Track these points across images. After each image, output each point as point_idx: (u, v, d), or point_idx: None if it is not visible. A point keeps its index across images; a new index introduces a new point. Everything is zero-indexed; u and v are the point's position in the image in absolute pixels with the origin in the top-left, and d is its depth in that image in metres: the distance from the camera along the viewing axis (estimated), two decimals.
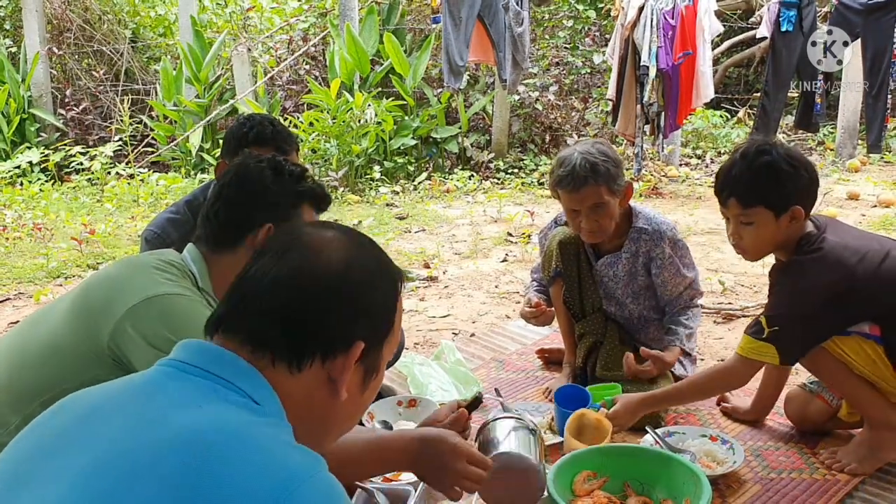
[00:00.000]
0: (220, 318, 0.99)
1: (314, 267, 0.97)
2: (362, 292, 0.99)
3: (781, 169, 2.00)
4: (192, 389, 0.90)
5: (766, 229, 2.06)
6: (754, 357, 2.06)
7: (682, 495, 1.81)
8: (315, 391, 0.97)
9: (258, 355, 0.94)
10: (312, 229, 1.03)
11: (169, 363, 0.95)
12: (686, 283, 2.67)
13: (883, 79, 6.15)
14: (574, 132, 8.53)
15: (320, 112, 7.54)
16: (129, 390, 0.93)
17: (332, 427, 1.03)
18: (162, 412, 0.87)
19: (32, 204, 6.94)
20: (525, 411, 2.61)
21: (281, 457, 0.84)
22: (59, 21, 9.58)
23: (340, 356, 0.97)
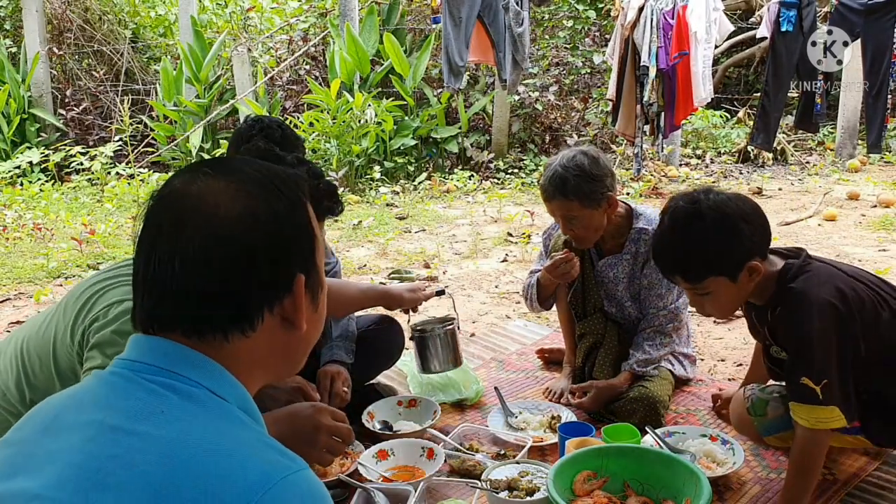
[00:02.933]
0: (148, 316, 0.92)
1: (217, 229, 0.88)
2: (275, 230, 0.92)
3: (717, 233, 1.80)
4: (152, 392, 0.86)
5: (726, 294, 1.87)
6: (822, 427, 1.83)
7: (682, 495, 1.81)
8: (275, 337, 0.94)
9: (207, 338, 0.90)
10: (192, 184, 0.92)
11: (122, 364, 0.90)
12: (666, 302, 2.64)
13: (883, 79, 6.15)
14: (574, 132, 8.53)
15: (320, 112, 7.54)
16: (88, 396, 0.89)
17: (303, 351, 1.02)
18: (123, 420, 0.83)
19: (32, 204, 6.94)
20: (525, 410, 2.62)
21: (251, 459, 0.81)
22: (59, 21, 9.58)
23: (287, 297, 0.93)
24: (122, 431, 0.82)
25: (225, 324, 0.90)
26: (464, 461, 2.26)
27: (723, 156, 8.29)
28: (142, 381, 0.87)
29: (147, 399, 0.85)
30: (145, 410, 0.84)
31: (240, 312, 0.91)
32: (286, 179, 0.97)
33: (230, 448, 0.81)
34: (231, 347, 0.91)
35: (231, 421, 0.86)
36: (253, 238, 0.90)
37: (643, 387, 2.54)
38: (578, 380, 2.78)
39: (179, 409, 0.84)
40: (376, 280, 4.49)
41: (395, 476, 2.23)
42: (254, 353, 0.93)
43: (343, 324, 2.57)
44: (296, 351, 1.00)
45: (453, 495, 2.16)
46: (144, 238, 0.92)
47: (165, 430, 0.81)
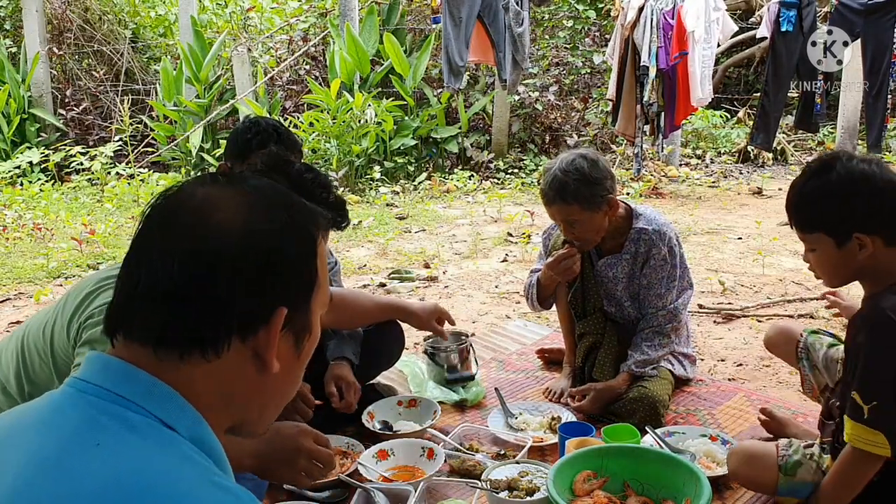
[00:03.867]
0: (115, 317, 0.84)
1: (209, 233, 0.81)
2: (271, 253, 0.83)
3: (837, 191, 1.72)
4: (91, 418, 0.78)
5: (829, 257, 1.77)
6: (862, 447, 1.70)
7: (682, 495, 1.81)
8: (241, 372, 0.84)
9: (162, 354, 0.81)
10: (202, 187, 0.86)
11: (73, 382, 0.82)
12: (665, 302, 2.64)
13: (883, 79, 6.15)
14: (574, 132, 8.54)
15: (320, 112, 7.55)
16: (35, 416, 0.82)
17: (272, 400, 0.91)
18: (57, 451, 0.75)
19: (32, 204, 6.94)
20: (525, 410, 2.62)
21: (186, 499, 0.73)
22: (59, 21, 9.58)
23: (262, 329, 0.83)
24: (53, 467, 0.74)
25: (186, 340, 0.81)
26: (464, 461, 2.26)
27: (723, 156, 8.30)
28: (84, 406, 0.79)
29: (84, 427, 0.77)
30: (80, 441, 0.76)
31: (204, 331, 0.81)
32: (303, 210, 0.90)
33: (167, 489, 0.73)
34: (187, 370, 0.82)
35: (175, 456, 0.77)
36: (242, 254, 0.81)
37: (643, 387, 2.54)
38: (578, 380, 2.78)
39: (118, 441, 0.76)
40: (376, 280, 4.49)
41: (395, 476, 2.23)
42: (213, 383, 0.83)
43: None
44: (263, 396, 0.89)
45: (453, 495, 2.16)
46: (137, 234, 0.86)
47: (97, 467, 0.73)
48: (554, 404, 2.69)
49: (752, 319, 3.65)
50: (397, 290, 4.32)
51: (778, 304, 3.86)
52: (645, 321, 2.66)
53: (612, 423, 2.38)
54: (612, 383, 2.60)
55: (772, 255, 4.71)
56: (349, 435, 2.45)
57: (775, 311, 3.76)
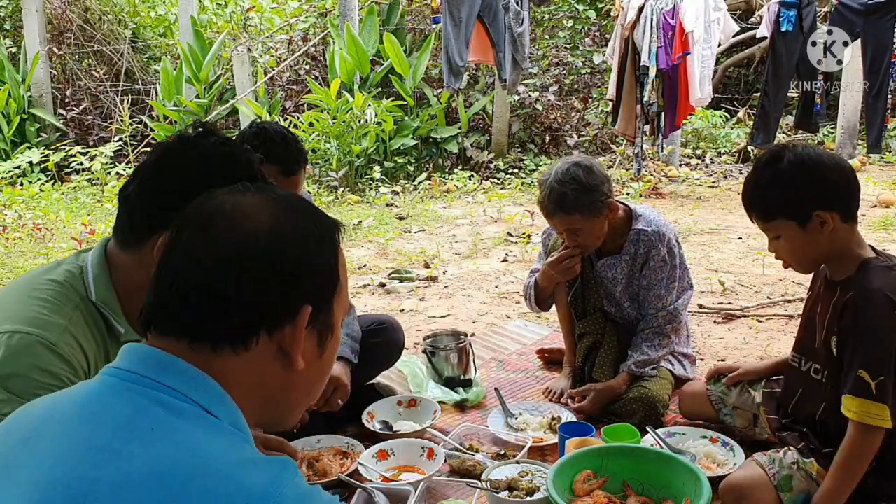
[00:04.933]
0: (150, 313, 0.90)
1: (241, 236, 0.88)
2: (298, 254, 0.90)
3: (791, 176, 1.84)
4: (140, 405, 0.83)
5: (796, 241, 1.88)
6: (870, 421, 1.78)
7: (682, 495, 1.81)
8: (268, 366, 0.90)
9: (197, 347, 0.87)
10: (231, 195, 0.92)
11: (112, 372, 0.87)
12: (665, 303, 2.64)
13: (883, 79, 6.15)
14: (574, 132, 8.54)
15: (320, 112, 7.55)
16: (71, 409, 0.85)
17: (297, 397, 0.97)
18: (110, 438, 0.79)
19: (32, 204, 6.94)
20: (525, 411, 2.62)
21: (243, 477, 0.78)
22: (59, 21, 9.58)
23: (288, 326, 0.89)
24: (109, 451, 0.78)
25: (217, 333, 0.87)
26: (464, 461, 2.26)
27: (723, 156, 8.30)
28: (131, 395, 0.84)
29: (135, 414, 0.82)
30: (133, 427, 0.80)
31: (235, 324, 0.87)
32: (325, 218, 0.97)
33: (223, 468, 0.78)
34: (220, 363, 0.88)
35: (222, 438, 0.83)
36: (271, 254, 0.88)
37: (643, 387, 2.54)
38: (578, 379, 2.78)
39: (169, 427, 0.81)
40: (376, 280, 4.49)
41: (395, 476, 2.23)
42: (243, 376, 0.89)
43: (348, 322, 2.57)
44: (288, 393, 0.95)
45: (453, 495, 2.16)
46: (171, 236, 0.91)
47: (155, 450, 0.78)
48: (554, 404, 2.69)
49: (752, 319, 3.65)
50: (397, 290, 4.32)
51: (778, 304, 3.86)
52: (645, 322, 2.66)
53: (612, 423, 2.39)
54: (611, 383, 2.60)
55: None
56: (349, 435, 2.45)
57: (775, 311, 3.76)
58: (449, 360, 2.84)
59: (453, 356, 2.84)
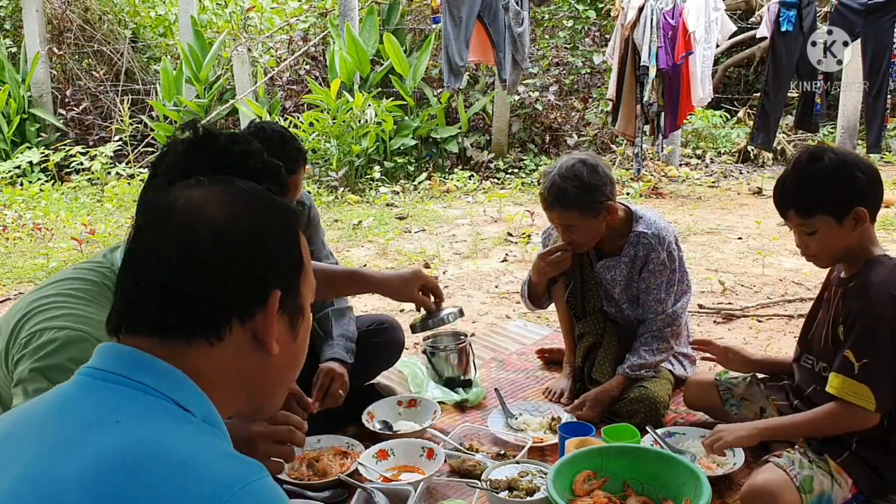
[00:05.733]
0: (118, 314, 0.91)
1: (198, 230, 0.88)
2: (258, 240, 0.91)
3: (833, 173, 1.93)
4: (109, 401, 0.83)
5: (831, 236, 1.97)
6: (851, 399, 1.89)
7: (682, 495, 1.82)
8: (243, 354, 0.91)
9: (170, 343, 0.88)
10: (185, 190, 0.93)
11: (86, 371, 0.88)
12: (665, 306, 2.62)
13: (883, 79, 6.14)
14: (574, 132, 8.54)
15: (320, 112, 7.54)
16: (43, 409, 0.86)
17: (275, 382, 0.98)
18: (77, 432, 0.80)
19: (32, 204, 6.95)
20: (525, 411, 2.62)
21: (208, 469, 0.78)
22: (59, 21, 9.58)
23: (259, 312, 0.91)
24: (75, 444, 0.79)
25: (188, 327, 0.88)
26: (464, 461, 2.26)
27: (723, 156, 8.30)
28: (101, 392, 0.85)
29: (102, 409, 0.83)
30: (100, 420, 0.81)
31: (205, 317, 0.88)
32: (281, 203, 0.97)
33: (187, 458, 0.78)
34: (194, 355, 0.88)
35: (190, 431, 0.83)
36: (232, 243, 0.89)
37: (643, 387, 2.54)
38: (578, 379, 2.78)
39: (136, 419, 0.82)
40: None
41: (395, 476, 2.23)
42: (218, 366, 0.90)
43: (343, 323, 2.57)
44: (265, 379, 0.96)
45: (453, 495, 2.16)
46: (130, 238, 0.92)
47: (119, 440, 0.78)
48: (554, 404, 2.69)
49: (752, 319, 3.65)
50: None
51: (778, 304, 3.86)
52: (644, 326, 2.65)
53: (613, 423, 2.38)
54: (606, 387, 2.59)
55: (772, 255, 4.71)
56: (349, 435, 2.45)
57: (775, 311, 3.76)
58: (449, 361, 2.84)
59: (453, 356, 2.84)
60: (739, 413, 2.38)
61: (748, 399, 2.38)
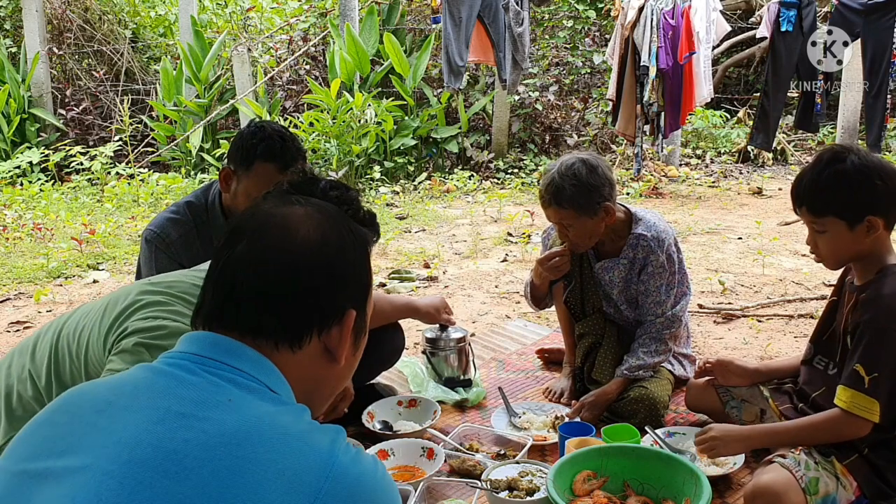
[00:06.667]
0: (211, 312, 0.99)
1: (294, 246, 0.98)
2: (343, 262, 1.01)
3: (852, 178, 1.88)
4: (214, 382, 0.92)
5: (840, 239, 1.93)
6: (857, 412, 1.87)
7: (682, 495, 1.82)
8: (315, 363, 1.00)
9: (260, 342, 0.96)
10: (280, 207, 1.02)
11: (181, 356, 0.96)
12: (662, 308, 2.61)
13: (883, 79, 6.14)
14: (574, 132, 8.53)
15: (320, 112, 7.54)
16: (145, 384, 0.93)
17: (329, 392, 1.08)
18: (192, 407, 0.88)
19: (32, 204, 6.94)
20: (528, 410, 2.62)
21: (312, 439, 0.89)
22: (59, 21, 9.58)
23: (335, 327, 1.00)
24: (193, 418, 0.87)
25: (278, 334, 0.97)
26: (464, 461, 2.26)
27: (723, 156, 8.30)
28: (203, 374, 0.92)
29: (211, 389, 0.91)
30: (212, 399, 0.89)
31: (293, 327, 0.97)
32: (359, 229, 1.08)
33: (295, 430, 0.88)
34: (278, 358, 0.97)
35: (287, 410, 0.93)
36: (322, 263, 0.98)
37: (643, 387, 2.54)
38: (578, 380, 2.78)
39: (244, 399, 0.90)
40: (376, 280, 4.49)
41: (395, 476, 2.23)
42: (296, 371, 0.99)
43: None
44: (326, 386, 1.06)
45: (453, 495, 2.16)
46: (226, 243, 1.00)
47: (236, 416, 0.87)
48: (557, 404, 2.69)
49: (752, 319, 3.65)
50: (397, 290, 4.32)
51: (778, 304, 3.86)
52: (642, 328, 2.65)
53: (613, 423, 2.38)
54: (605, 390, 2.58)
55: (772, 255, 4.71)
56: (349, 435, 2.45)
57: (775, 311, 3.76)
58: (449, 361, 2.84)
59: (453, 356, 2.83)
60: (740, 415, 2.38)
61: (748, 401, 2.37)
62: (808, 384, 2.17)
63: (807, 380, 2.19)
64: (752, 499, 1.91)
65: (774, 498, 1.87)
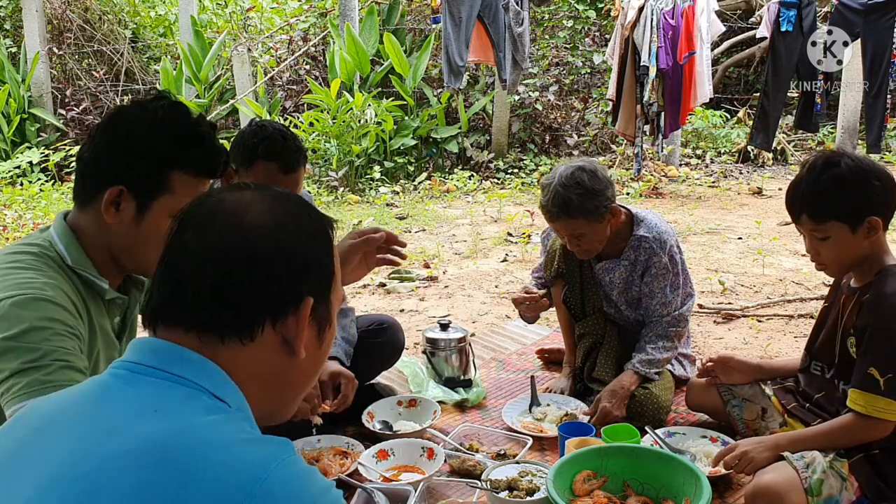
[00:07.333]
0: (156, 308, 0.94)
1: (243, 232, 0.92)
2: (297, 247, 0.95)
3: (850, 180, 1.89)
4: (148, 393, 0.87)
5: (843, 243, 1.93)
6: (877, 415, 1.87)
7: (682, 495, 1.82)
8: (272, 356, 0.94)
9: (206, 339, 0.91)
10: (229, 193, 0.97)
11: (122, 365, 0.91)
12: (668, 309, 2.61)
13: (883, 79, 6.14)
14: (574, 132, 8.54)
15: (320, 112, 7.54)
16: (84, 398, 0.90)
17: (296, 387, 1.01)
18: (118, 421, 0.84)
19: (32, 204, 6.94)
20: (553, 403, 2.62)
21: (243, 452, 0.82)
22: (59, 21, 9.58)
23: (291, 317, 0.94)
24: (115, 431, 0.83)
25: (224, 325, 0.91)
26: (464, 461, 2.27)
27: (723, 156, 8.30)
28: (139, 384, 0.88)
29: (142, 399, 0.86)
30: (140, 410, 0.85)
31: (241, 316, 0.91)
32: (318, 212, 1.02)
33: (224, 443, 0.82)
34: (227, 353, 0.91)
35: (225, 420, 0.86)
36: (273, 248, 0.92)
37: (646, 388, 2.53)
38: (578, 380, 2.78)
39: (175, 408, 0.85)
40: (376, 280, 4.49)
41: (395, 476, 2.23)
42: (248, 366, 0.93)
43: (345, 325, 2.56)
44: (290, 381, 0.98)
45: (453, 495, 2.16)
46: (173, 234, 0.95)
47: (159, 429, 0.82)
48: (580, 402, 2.67)
49: (752, 319, 3.65)
50: (397, 290, 4.32)
51: (778, 304, 3.86)
52: (649, 328, 2.64)
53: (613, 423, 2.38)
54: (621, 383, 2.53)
55: (772, 255, 4.71)
56: (349, 435, 2.45)
57: (775, 311, 3.76)
58: (449, 361, 2.84)
59: (453, 356, 2.84)
60: (741, 414, 2.38)
61: (750, 400, 2.37)
62: (809, 387, 2.18)
63: (807, 384, 2.19)
64: (753, 499, 1.90)
65: (775, 498, 1.87)
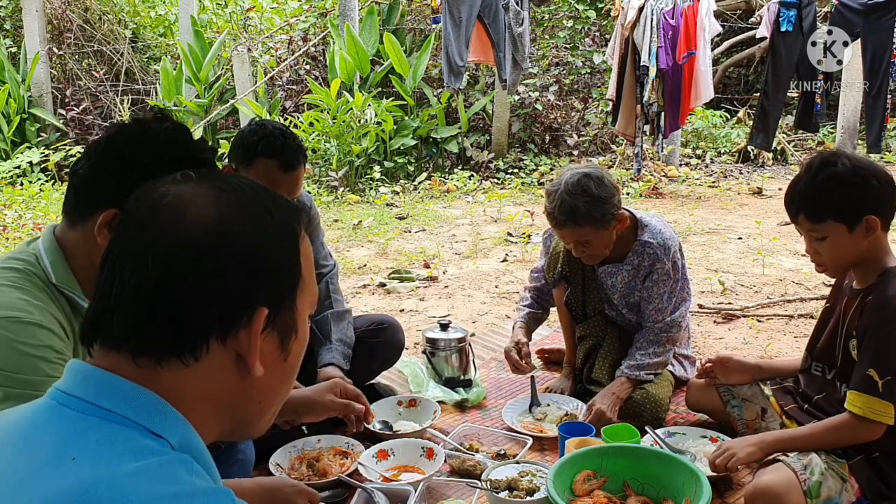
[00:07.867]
0: (91, 326, 0.81)
1: (182, 232, 0.77)
2: (248, 247, 0.80)
3: (847, 180, 1.89)
4: (70, 432, 0.74)
5: (841, 243, 1.93)
6: (873, 417, 1.87)
7: (682, 495, 1.82)
8: (222, 376, 0.81)
9: (142, 362, 0.78)
10: (173, 185, 0.82)
11: (54, 394, 0.79)
12: (663, 315, 2.60)
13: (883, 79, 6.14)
14: (574, 132, 8.54)
15: (320, 112, 7.55)
16: (18, 431, 0.78)
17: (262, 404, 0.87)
18: (28, 471, 0.72)
19: (32, 204, 6.94)
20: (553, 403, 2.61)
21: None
22: (59, 21, 9.58)
23: (242, 330, 0.79)
24: (26, 482, 0.72)
25: (160, 345, 0.78)
26: (464, 461, 2.26)
27: (723, 156, 8.30)
28: (63, 421, 0.76)
29: (61, 442, 0.74)
30: (57, 457, 0.73)
31: (180, 334, 0.78)
32: (283, 205, 0.86)
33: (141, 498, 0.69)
34: (168, 377, 0.78)
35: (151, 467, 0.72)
36: (217, 251, 0.78)
37: (644, 388, 2.53)
38: (578, 380, 2.78)
39: (93, 456, 0.72)
40: (376, 280, 4.49)
41: (395, 476, 2.23)
42: (196, 388, 0.80)
43: (342, 328, 2.56)
44: (251, 401, 0.85)
45: (453, 495, 2.16)
46: (112, 236, 0.83)
47: (67, 482, 0.70)
48: (579, 401, 2.67)
49: (752, 319, 3.65)
50: (397, 290, 4.32)
51: (778, 304, 3.86)
52: (641, 333, 2.64)
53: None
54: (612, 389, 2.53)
55: (772, 255, 4.71)
56: (349, 435, 2.45)
57: (775, 311, 3.76)
58: (449, 361, 2.84)
59: (453, 356, 2.84)
60: (741, 414, 2.38)
61: (749, 400, 2.37)
62: (809, 388, 2.17)
63: (807, 384, 2.19)
64: (753, 499, 1.90)
65: (775, 499, 1.87)
